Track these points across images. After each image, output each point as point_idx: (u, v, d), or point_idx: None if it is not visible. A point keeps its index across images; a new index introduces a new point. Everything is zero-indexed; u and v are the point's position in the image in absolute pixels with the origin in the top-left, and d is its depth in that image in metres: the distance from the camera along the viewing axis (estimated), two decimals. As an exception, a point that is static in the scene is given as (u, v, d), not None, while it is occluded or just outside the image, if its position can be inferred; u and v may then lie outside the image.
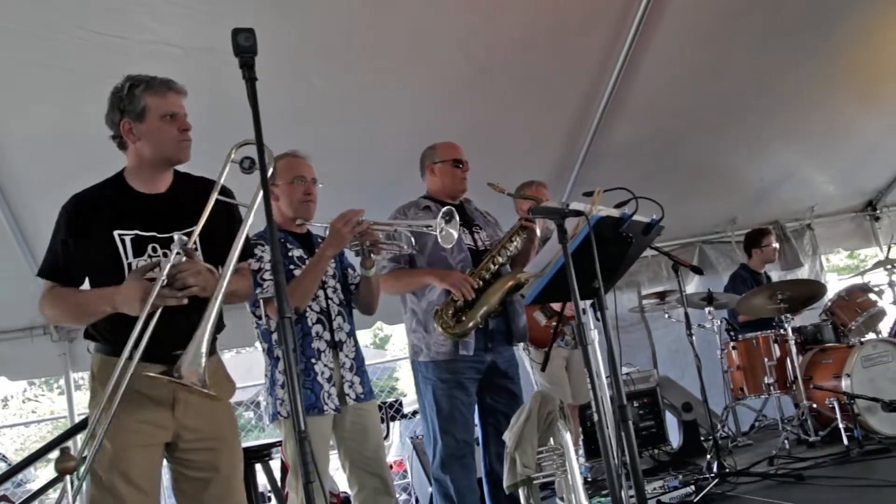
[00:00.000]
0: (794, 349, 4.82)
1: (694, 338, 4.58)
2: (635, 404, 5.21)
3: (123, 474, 2.18)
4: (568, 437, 3.01)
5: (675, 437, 5.42)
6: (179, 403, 2.28)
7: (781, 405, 5.33)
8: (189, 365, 2.06)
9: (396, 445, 5.97)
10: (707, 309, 5.28)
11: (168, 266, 2.13)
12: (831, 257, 7.32)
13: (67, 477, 1.87)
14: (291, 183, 3.00)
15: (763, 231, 5.96)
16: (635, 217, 2.67)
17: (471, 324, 3.21)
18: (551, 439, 3.00)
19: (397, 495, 5.63)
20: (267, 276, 2.88)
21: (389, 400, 5.44)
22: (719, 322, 5.32)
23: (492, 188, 3.31)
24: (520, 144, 4.98)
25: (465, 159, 3.52)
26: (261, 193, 1.93)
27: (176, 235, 2.17)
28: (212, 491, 2.32)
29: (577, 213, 2.54)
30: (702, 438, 5.33)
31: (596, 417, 2.62)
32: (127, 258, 2.28)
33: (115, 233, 2.28)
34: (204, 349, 2.11)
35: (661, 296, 5.46)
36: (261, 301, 2.87)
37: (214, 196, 2.28)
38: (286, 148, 3.13)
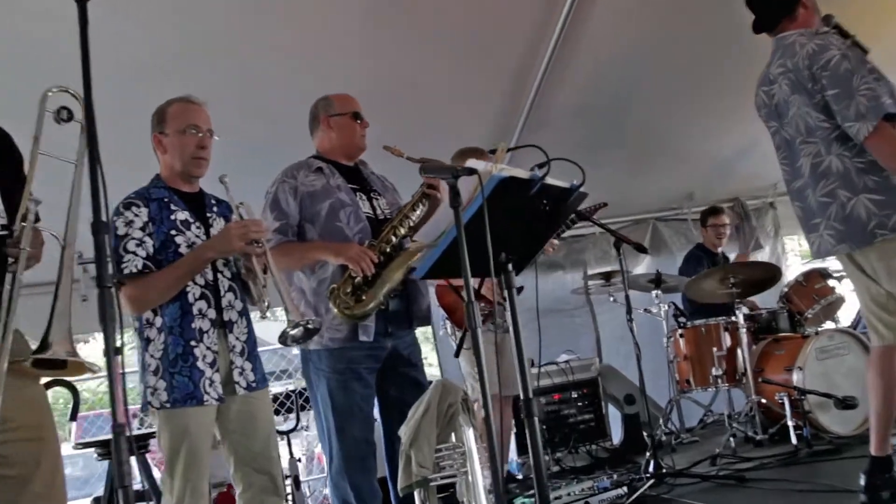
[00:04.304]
0: (745, 338, 4.75)
1: (636, 324, 4.47)
2: (574, 395, 5.23)
3: None
4: (471, 433, 2.91)
5: (617, 432, 5.39)
6: None
7: (732, 400, 5.30)
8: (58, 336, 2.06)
9: (316, 436, 5.81)
10: (654, 292, 5.22)
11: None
12: (798, 240, 7.28)
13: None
14: (183, 133, 2.83)
15: (714, 209, 5.96)
16: (549, 181, 2.46)
17: (372, 304, 3.07)
18: (453, 435, 2.88)
19: (323, 490, 5.50)
20: (131, 245, 2.72)
21: (303, 385, 5.23)
22: (666, 307, 5.25)
23: (388, 151, 3.15)
24: (449, 106, 4.74)
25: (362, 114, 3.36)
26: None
27: None
28: (32, 488, 2.17)
29: (471, 172, 2.34)
30: (645, 434, 5.19)
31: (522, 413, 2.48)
32: None
33: None
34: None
35: (607, 276, 5.37)
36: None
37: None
38: (150, 96, 2.93)
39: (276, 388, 5.55)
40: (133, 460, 3.73)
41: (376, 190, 3.41)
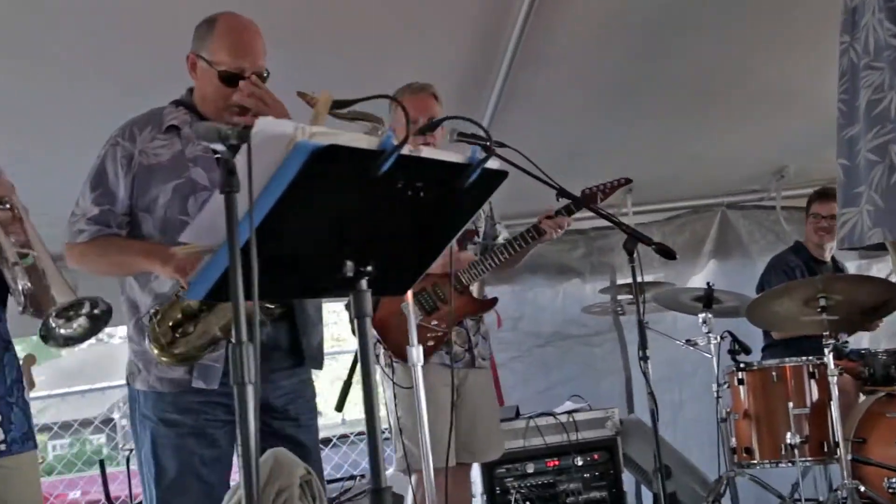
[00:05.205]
0: (835, 391, 4.00)
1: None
2: (579, 462, 4.58)
3: None
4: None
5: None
6: None
7: (830, 477, 4.58)
8: None
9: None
10: (701, 315, 4.44)
11: None
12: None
13: None
14: None
15: (822, 192, 5.12)
16: (421, 153, 1.93)
17: (201, 341, 2.69)
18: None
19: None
20: None
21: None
22: (717, 339, 4.46)
23: (303, 99, 2.62)
24: (397, 29, 4.09)
25: (255, 70, 2.82)
26: None
27: None
28: None
29: (243, 137, 1.80)
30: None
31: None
32: None
33: None
34: None
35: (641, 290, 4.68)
36: None
37: None
38: None
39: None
40: None
41: None
